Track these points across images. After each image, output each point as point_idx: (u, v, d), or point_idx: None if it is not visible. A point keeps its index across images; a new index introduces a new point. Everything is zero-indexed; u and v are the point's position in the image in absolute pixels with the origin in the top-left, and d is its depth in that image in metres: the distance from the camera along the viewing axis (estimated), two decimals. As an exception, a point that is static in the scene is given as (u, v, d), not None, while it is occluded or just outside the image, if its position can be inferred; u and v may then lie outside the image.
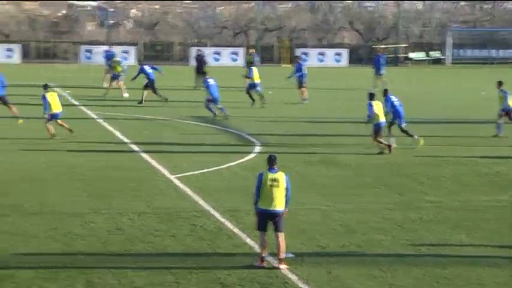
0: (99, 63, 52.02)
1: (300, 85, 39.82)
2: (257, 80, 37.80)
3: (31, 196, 19.88)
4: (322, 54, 68.25)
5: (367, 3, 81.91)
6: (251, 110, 37.03)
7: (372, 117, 25.97)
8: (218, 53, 66.08)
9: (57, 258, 15.41)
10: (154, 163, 24.29)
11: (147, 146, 27.06)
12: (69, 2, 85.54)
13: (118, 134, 29.32)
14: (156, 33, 75.05)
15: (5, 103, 31.39)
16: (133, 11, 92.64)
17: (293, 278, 14.68)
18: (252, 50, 48.20)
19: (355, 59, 68.56)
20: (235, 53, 66.39)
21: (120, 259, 15.48)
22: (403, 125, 27.48)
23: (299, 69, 40.11)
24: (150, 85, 37.79)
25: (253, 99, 37.38)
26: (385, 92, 27.77)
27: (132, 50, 64.91)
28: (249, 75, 38.37)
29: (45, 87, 28.01)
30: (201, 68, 45.85)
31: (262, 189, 15.16)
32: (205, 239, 16.82)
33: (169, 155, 25.75)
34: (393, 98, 27.50)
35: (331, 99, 42.09)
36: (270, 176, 15.23)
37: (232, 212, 18.88)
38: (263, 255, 15.18)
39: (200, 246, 16.37)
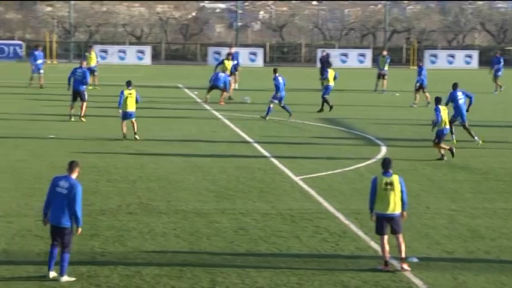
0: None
1: (419, 88, 39.03)
2: (331, 83, 36.84)
3: (159, 195, 20.24)
4: (451, 56, 67.01)
5: (499, 4, 79.97)
6: (378, 112, 36.72)
7: (438, 123, 25.13)
8: (345, 55, 65.78)
9: (183, 256, 15.62)
10: (279, 164, 24.37)
11: (272, 147, 27.16)
12: (200, 4, 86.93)
13: (244, 135, 29.56)
14: (283, 34, 75.32)
15: (82, 99, 31.65)
16: (261, 13, 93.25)
17: (417, 282, 14.43)
18: (385, 52, 47.67)
19: (486, 61, 66.96)
20: (363, 55, 65.92)
21: (243, 259, 15.57)
22: (465, 123, 27.64)
23: (420, 72, 39.41)
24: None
25: (328, 106, 36.25)
26: (454, 86, 28.08)
27: (260, 51, 65.35)
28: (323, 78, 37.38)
29: (128, 84, 27.99)
30: (325, 70, 45.74)
31: (377, 194, 14.97)
32: (329, 241, 16.74)
33: (295, 156, 25.77)
34: (459, 95, 27.64)
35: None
36: (385, 179, 15.01)
37: (357, 215, 18.72)
38: (386, 259, 15.00)
39: (324, 248, 16.29)
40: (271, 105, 33.42)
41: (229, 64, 41.01)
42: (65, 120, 31.34)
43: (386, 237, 15.01)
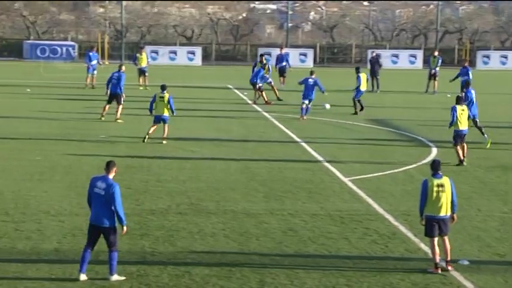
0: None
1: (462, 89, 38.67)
2: (363, 88, 36.33)
3: (208, 195, 20.33)
4: (504, 57, 66.19)
5: (554, 4, 78.81)
6: (429, 113, 36.46)
7: (453, 123, 24.48)
8: (396, 56, 65.35)
9: (232, 256, 15.66)
10: (328, 165, 24.31)
11: (322, 148, 27.11)
12: (250, 5, 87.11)
13: (293, 135, 29.55)
14: (334, 35, 75.11)
15: (118, 102, 31.75)
16: (312, 14, 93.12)
17: (468, 285, 14.30)
18: (436, 53, 47.26)
19: (540, 61, 66.10)
20: (414, 56, 65.44)
21: (292, 260, 15.57)
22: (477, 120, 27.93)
23: (465, 73, 38.93)
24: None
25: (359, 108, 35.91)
26: (467, 85, 28.75)
27: (310, 52, 65.24)
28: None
29: (162, 88, 27.59)
30: (375, 71, 45.56)
31: (428, 196, 14.85)
32: (378, 243, 16.66)
33: (344, 157, 25.70)
34: (473, 93, 28.04)
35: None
36: (436, 181, 14.89)
37: (406, 216, 18.60)
38: (436, 261, 14.88)
39: (373, 250, 16.22)
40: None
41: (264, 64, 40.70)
42: (111, 120, 31.58)
43: (436, 239, 14.90)
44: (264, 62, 39.70)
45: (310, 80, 33.79)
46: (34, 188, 20.51)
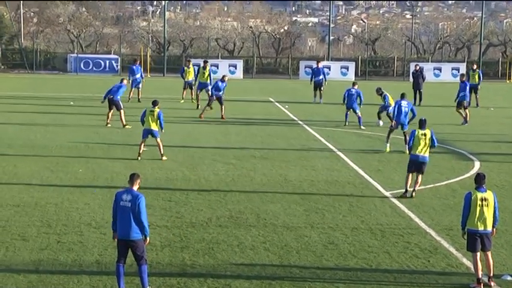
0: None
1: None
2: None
3: (248, 208, 20.33)
4: (549, 69, 65.44)
5: None
6: (472, 127, 36.17)
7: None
8: (439, 69, 64.91)
9: (272, 270, 15.64)
10: (369, 179, 24.21)
11: (363, 161, 27.01)
12: (292, 18, 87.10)
13: (335, 149, 29.47)
14: (376, 48, 74.91)
15: (117, 108, 33.64)
16: (354, 27, 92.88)
17: (511, 301, 14.14)
18: (475, 66, 46.89)
19: None
20: (456, 69, 64.95)
21: (333, 273, 15.51)
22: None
23: (463, 88, 38.32)
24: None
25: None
26: (402, 96, 29.32)
27: (351, 65, 65.09)
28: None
29: (153, 103, 26.97)
30: (418, 84, 45.28)
31: (471, 210, 14.70)
32: (419, 257, 16.53)
33: (385, 170, 25.58)
34: (403, 104, 28.81)
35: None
36: (480, 195, 14.74)
37: (449, 231, 18.45)
38: (479, 276, 14.72)
39: (414, 264, 16.09)
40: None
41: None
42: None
43: (479, 254, 14.75)
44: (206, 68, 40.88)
45: (352, 90, 35.07)
46: (76, 200, 20.68)
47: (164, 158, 26.57)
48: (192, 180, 23.50)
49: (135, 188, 14.14)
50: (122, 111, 33.55)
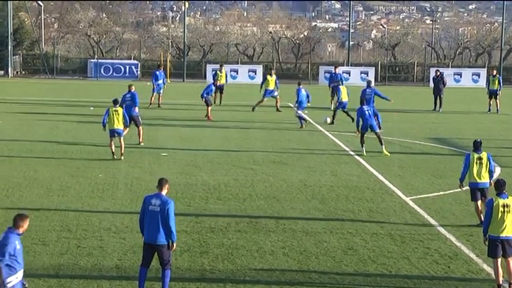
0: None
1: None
2: (345, 99, 37.50)
3: (268, 213, 20.32)
4: None
5: None
6: (492, 132, 36.00)
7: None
8: (459, 74, 64.66)
9: (291, 275, 15.62)
10: (389, 184, 24.15)
11: (383, 166, 26.95)
12: (312, 23, 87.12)
13: (354, 154, 29.42)
14: (396, 53, 74.76)
15: (136, 124, 30.10)
16: (373, 32, 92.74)
17: (532, 308, 14.04)
18: (494, 72, 46.69)
19: None
20: (477, 74, 64.69)
21: (352, 279, 15.47)
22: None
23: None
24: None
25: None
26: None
27: (371, 70, 64.97)
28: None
29: (114, 102, 27.55)
30: (438, 89, 45.15)
31: (493, 216, 14.62)
32: (439, 263, 16.47)
33: (405, 176, 25.50)
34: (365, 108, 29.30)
35: None
36: (502, 201, 14.66)
37: (469, 236, 18.37)
38: (499, 282, 14.66)
39: (434, 270, 16.03)
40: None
41: (272, 80, 42.84)
42: (172, 138, 31.78)
43: (499, 260, 14.67)
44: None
45: (367, 90, 35.43)
46: (96, 205, 20.75)
47: (122, 158, 27.16)
48: (211, 185, 23.52)
49: (164, 192, 14.12)
50: (141, 127, 30.44)
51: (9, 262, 11.64)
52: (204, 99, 38.34)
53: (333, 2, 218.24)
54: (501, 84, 44.66)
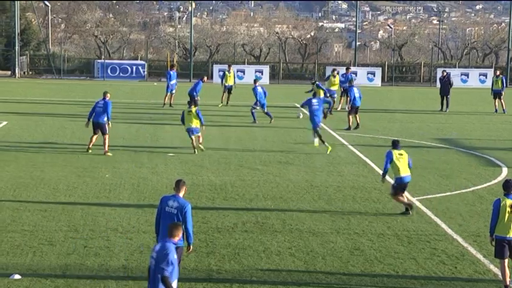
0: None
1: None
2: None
3: (274, 214, 20.32)
4: None
5: None
6: (499, 133, 35.95)
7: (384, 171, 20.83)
8: (466, 75, 64.57)
9: (298, 275, 15.62)
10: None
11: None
12: (319, 24, 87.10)
13: (361, 154, 29.41)
14: (402, 54, 74.72)
15: (103, 132, 28.44)
16: (380, 33, 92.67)
17: (539, 309, 14.01)
18: (498, 72, 46.62)
19: None
20: (484, 75, 64.59)
21: (359, 279, 15.47)
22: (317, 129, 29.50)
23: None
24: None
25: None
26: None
27: (378, 71, 64.93)
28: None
29: (189, 103, 29.46)
30: (445, 90, 45.09)
31: (500, 216, 14.60)
32: (446, 264, 16.45)
33: (412, 176, 25.40)
34: (314, 102, 29.78)
35: None
36: (509, 202, 14.63)
37: (476, 237, 18.34)
38: (506, 283, 14.63)
39: (441, 271, 16.01)
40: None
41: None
42: (181, 137, 31.79)
43: (507, 260, 14.65)
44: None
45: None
46: (103, 205, 20.77)
47: (197, 150, 28.24)
48: (218, 185, 23.53)
49: (181, 194, 14.06)
50: (107, 136, 28.55)
51: (169, 271, 11.60)
52: (192, 97, 38.28)
53: (339, 2, 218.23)
54: (504, 84, 44.58)
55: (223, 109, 42.35)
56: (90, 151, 28.54)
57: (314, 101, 29.91)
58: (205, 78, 42.63)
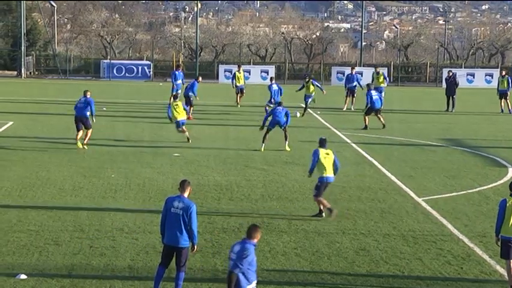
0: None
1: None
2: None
3: (280, 214, 20.32)
4: None
5: None
6: (505, 133, 35.89)
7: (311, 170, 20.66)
8: (472, 75, 64.49)
9: (304, 276, 15.61)
10: (402, 185, 24.10)
11: (395, 168, 26.90)
12: (324, 24, 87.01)
13: (367, 155, 29.38)
14: (408, 54, 74.66)
15: (85, 126, 29.66)
16: (386, 33, 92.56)
17: (545, 309, 13.98)
18: (503, 72, 46.59)
19: None
20: (490, 75, 64.49)
21: (364, 280, 15.45)
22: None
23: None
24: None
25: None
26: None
27: (384, 71, 64.66)
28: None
29: (175, 97, 31.41)
30: (451, 90, 45.05)
31: (506, 217, 14.56)
32: (452, 264, 16.43)
33: (418, 177, 25.44)
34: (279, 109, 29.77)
35: None
36: (515, 202, 14.61)
37: (482, 238, 18.31)
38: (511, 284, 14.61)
39: (447, 271, 15.99)
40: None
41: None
42: (184, 139, 31.83)
43: (512, 261, 14.62)
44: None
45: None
46: (108, 205, 20.79)
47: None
48: (224, 185, 23.53)
49: (186, 194, 14.04)
50: (91, 130, 29.83)
51: (245, 271, 11.78)
52: (188, 98, 38.77)
53: (345, 2, 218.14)
54: (510, 84, 44.54)
55: (228, 109, 42.34)
56: (84, 147, 29.31)
57: (279, 108, 30.09)
58: (200, 78, 42.56)
